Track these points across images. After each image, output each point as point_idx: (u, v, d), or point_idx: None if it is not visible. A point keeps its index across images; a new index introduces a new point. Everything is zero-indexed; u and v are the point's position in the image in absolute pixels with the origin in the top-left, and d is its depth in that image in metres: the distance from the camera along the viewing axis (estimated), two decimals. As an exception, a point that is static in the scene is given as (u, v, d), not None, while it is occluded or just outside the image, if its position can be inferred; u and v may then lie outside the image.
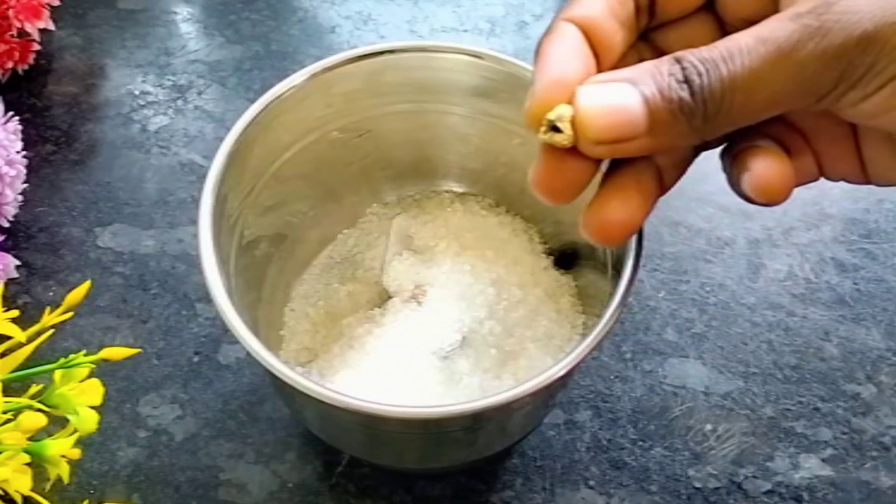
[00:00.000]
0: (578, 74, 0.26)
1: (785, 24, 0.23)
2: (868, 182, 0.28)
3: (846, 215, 0.50)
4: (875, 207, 0.51)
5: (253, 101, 0.38)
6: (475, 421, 0.34)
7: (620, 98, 0.24)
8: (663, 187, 0.27)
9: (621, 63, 0.27)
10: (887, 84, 0.24)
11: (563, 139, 0.25)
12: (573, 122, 0.25)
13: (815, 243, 0.49)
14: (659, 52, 0.28)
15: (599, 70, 0.27)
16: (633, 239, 0.34)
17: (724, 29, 0.28)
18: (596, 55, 0.27)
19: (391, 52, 0.40)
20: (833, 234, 0.50)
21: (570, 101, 0.25)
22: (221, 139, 0.37)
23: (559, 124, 0.25)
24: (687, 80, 0.24)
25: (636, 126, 0.24)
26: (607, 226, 0.27)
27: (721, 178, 0.28)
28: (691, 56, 0.24)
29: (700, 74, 0.23)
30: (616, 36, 0.27)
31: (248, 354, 0.32)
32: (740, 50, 0.23)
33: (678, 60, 0.24)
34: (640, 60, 0.25)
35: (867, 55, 0.23)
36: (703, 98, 0.24)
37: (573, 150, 0.25)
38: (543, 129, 0.25)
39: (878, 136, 0.27)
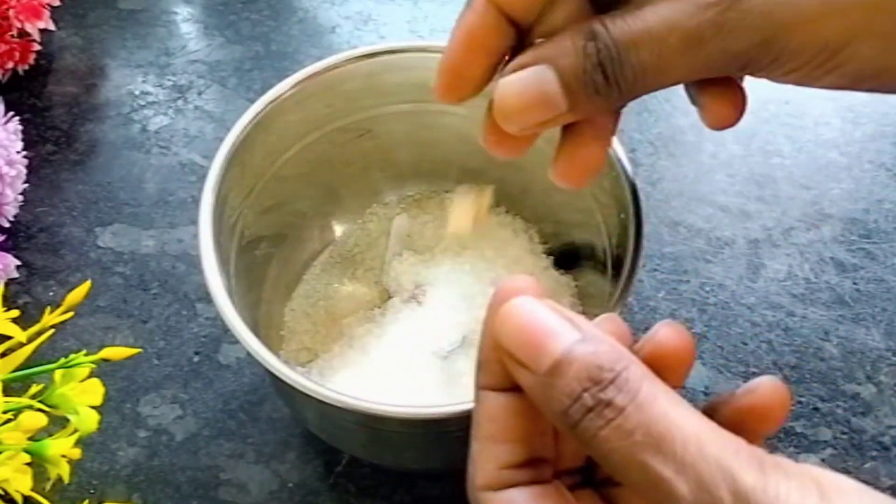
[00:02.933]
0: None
1: (692, 12, 0.24)
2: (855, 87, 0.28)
3: (846, 215, 0.50)
4: (875, 207, 0.51)
5: (253, 101, 0.38)
6: (475, 421, 0.33)
7: (537, 83, 0.25)
8: (617, 120, 0.28)
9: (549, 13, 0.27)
10: (793, 72, 0.25)
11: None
12: (497, 114, 0.26)
13: (814, 243, 0.49)
14: None
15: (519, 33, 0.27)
16: (633, 239, 0.34)
17: None
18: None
19: (391, 52, 0.40)
20: (833, 234, 0.50)
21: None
22: (221, 139, 0.37)
23: None
24: (601, 64, 0.24)
25: (557, 106, 0.25)
26: (577, 174, 0.28)
27: (721, 178, 0.28)
28: (606, 36, 0.24)
29: (612, 60, 0.24)
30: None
31: (248, 354, 0.32)
32: (650, 36, 0.24)
33: (594, 36, 0.24)
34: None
35: (769, 53, 0.24)
36: (615, 81, 0.25)
37: None
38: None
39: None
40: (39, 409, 0.32)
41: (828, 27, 0.24)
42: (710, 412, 0.22)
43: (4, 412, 0.32)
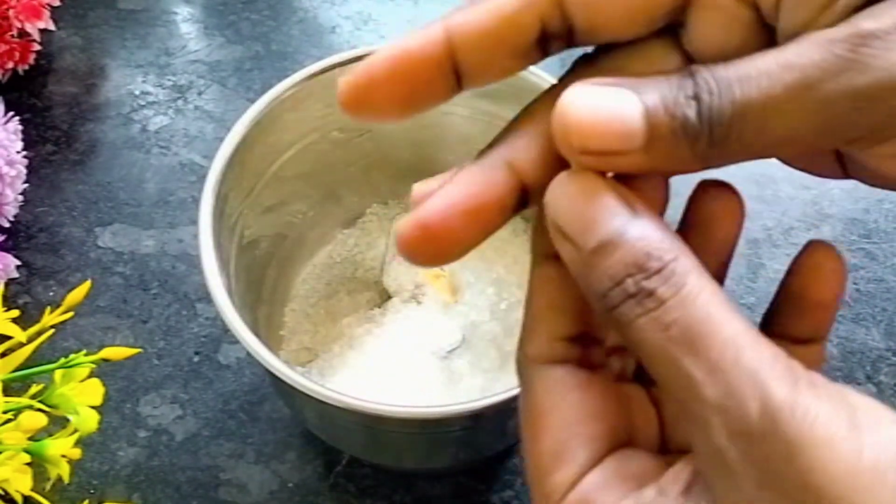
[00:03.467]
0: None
1: (813, 49, 0.20)
2: (848, 178, 0.26)
3: (846, 215, 0.50)
4: (875, 207, 0.51)
5: (253, 101, 0.38)
6: (475, 421, 0.34)
7: (617, 103, 0.21)
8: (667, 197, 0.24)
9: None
10: None
11: None
12: (559, 125, 0.21)
13: (814, 243, 0.49)
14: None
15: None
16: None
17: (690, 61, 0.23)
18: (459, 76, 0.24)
19: (391, 52, 0.40)
20: (833, 234, 0.50)
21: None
22: (221, 139, 0.37)
23: None
24: (697, 97, 0.20)
25: (632, 138, 0.21)
26: None
27: (721, 177, 0.28)
28: (706, 71, 0.20)
29: (711, 93, 0.20)
30: (493, 60, 0.23)
31: (248, 354, 0.32)
32: (759, 72, 0.20)
33: (692, 74, 0.21)
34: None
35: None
36: (709, 119, 0.20)
37: None
38: None
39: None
40: (39, 409, 0.32)
41: None
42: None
43: (4, 412, 0.32)
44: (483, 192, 0.23)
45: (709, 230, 0.23)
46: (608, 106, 0.21)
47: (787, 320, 0.24)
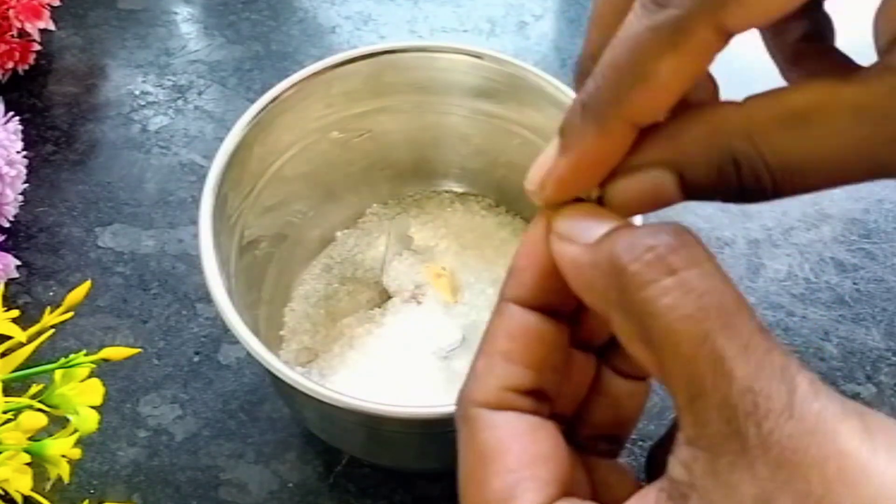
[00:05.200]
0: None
1: (872, 79, 0.20)
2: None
3: (846, 215, 0.50)
4: (875, 207, 0.51)
5: (253, 101, 0.38)
6: (475, 421, 0.33)
7: (653, 185, 0.22)
8: None
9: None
10: None
11: None
12: None
13: (814, 243, 0.49)
14: None
15: None
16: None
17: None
18: None
19: (391, 52, 0.40)
20: (833, 234, 0.50)
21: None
22: (221, 139, 0.37)
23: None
24: (735, 162, 0.20)
25: (669, 203, 0.22)
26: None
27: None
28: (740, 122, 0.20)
29: (748, 156, 0.20)
30: None
31: (248, 354, 0.32)
32: (808, 105, 0.20)
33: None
34: None
35: None
36: (754, 176, 0.21)
37: None
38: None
39: None
40: (39, 409, 0.32)
41: None
42: None
43: (4, 412, 0.32)
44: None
45: None
46: (647, 192, 0.22)
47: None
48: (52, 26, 0.54)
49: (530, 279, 0.22)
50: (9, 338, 0.35)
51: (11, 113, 0.47)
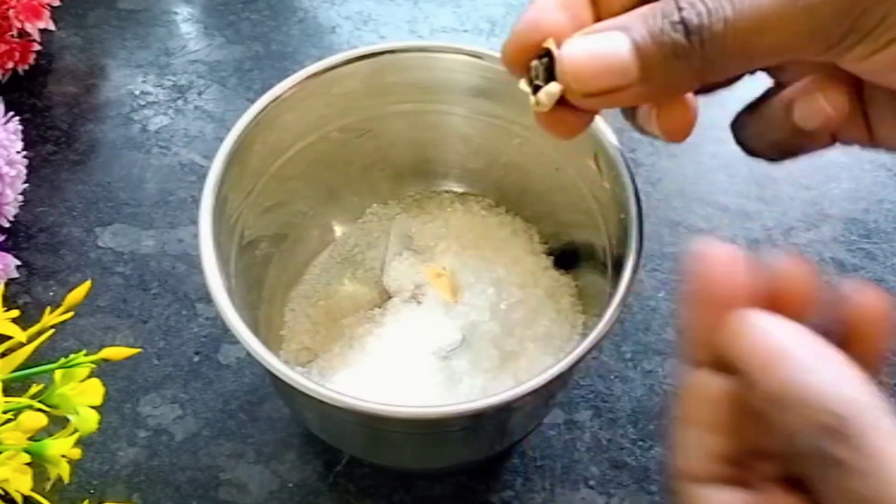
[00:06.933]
0: (561, 19, 0.24)
1: None
2: (877, 146, 0.27)
3: (846, 215, 0.50)
4: (875, 207, 0.51)
5: (253, 101, 0.38)
6: (475, 421, 0.34)
7: (607, 45, 0.23)
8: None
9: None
10: (879, 52, 0.23)
11: (544, 100, 0.24)
12: (560, 74, 0.23)
13: (814, 243, 0.49)
14: None
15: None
16: (633, 239, 0.34)
17: None
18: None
19: (391, 52, 0.40)
20: (833, 234, 0.50)
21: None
22: (221, 139, 0.37)
23: (539, 82, 0.24)
24: (683, 22, 0.22)
25: (626, 73, 0.23)
26: (678, 129, 0.25)
27: (721, 178, 0.28)
28: None
29: (699, 14, 0.22)
30: None
31: (248, 354, 0.32)
32: None
33: (676, 0, 0.22)
34: None
35: (881, 6, 0.22)
36: (700, 40, 0.22)
37: (565, 100, 0.24)
38: (525, 80, 0.25)
39: (883, 98, 0.26)
40: (39, 409, 0.32)
41: None
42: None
43: (4, 412, 0.32)
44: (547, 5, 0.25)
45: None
46: (598, 49, 0.23)
47: None
48: (52, 26, 0.54)
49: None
50: (9, 338, 0.35)
51: (11, 113, 0.47)
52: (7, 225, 0.47)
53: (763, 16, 0.22)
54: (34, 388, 0.34)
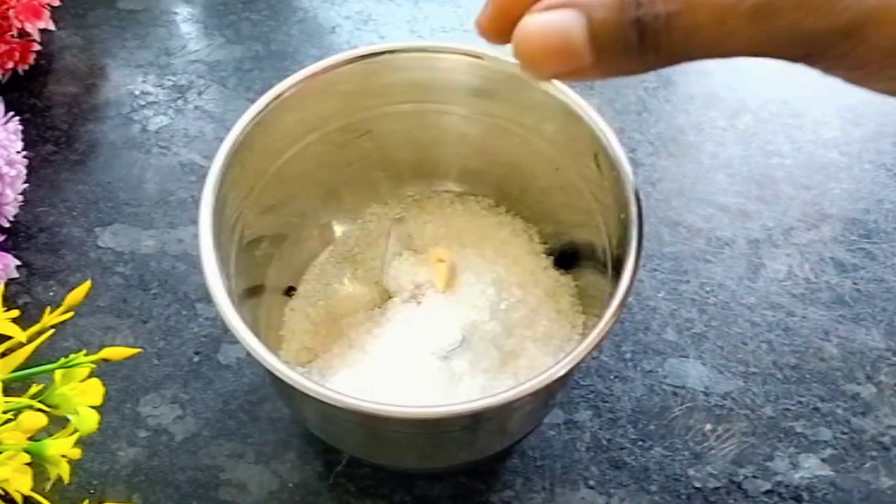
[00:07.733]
0: None
1: None
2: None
3: (846, 215, 0.50)
4: (875, 207, 0.51)
5: (253, 101, 0.38)
6: (475, 421, 0.34)
7: (563, 31, 0.23)
8: None
9: None
10: (858, 69, 0.23)
11: None
12: (514, 54, 0.24)
13: (814, 243, 0.49)
14: None
15: None
16: (633, 239, 0.34)
17: None
18: None
19: (391, 52, 0.40)
20: (833, 234, 0.50)
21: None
22: (221, 139, 0.37)
23: None
24: (639, 22, 0.22)
25: (580, 59, 0.23)
26: None
27: (721, 178, 0.28)
28: None
29: (656, 19, 0.22)
30: None
31: (248, 354, 0.32)
32: (716, 1, 0.22)
33: None
34: None
35: (845, 43, 0.22)
36: (655, 45, 0.22)
37: None
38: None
39: None
40: (39, 409, 0.32)
41: None
42: None
43: (4, 412, 0.32)
44: None
45: None
46: (557, 33, 0.23)
47: None
48: (52, 26, 0.54)
49: None
50: (9, 338, 0.35)
51: (11, 113, 0.47)
52: (7, 225, 0.47)
53: (721, 31, 0.22)
54: (34, 388, 0.34)
